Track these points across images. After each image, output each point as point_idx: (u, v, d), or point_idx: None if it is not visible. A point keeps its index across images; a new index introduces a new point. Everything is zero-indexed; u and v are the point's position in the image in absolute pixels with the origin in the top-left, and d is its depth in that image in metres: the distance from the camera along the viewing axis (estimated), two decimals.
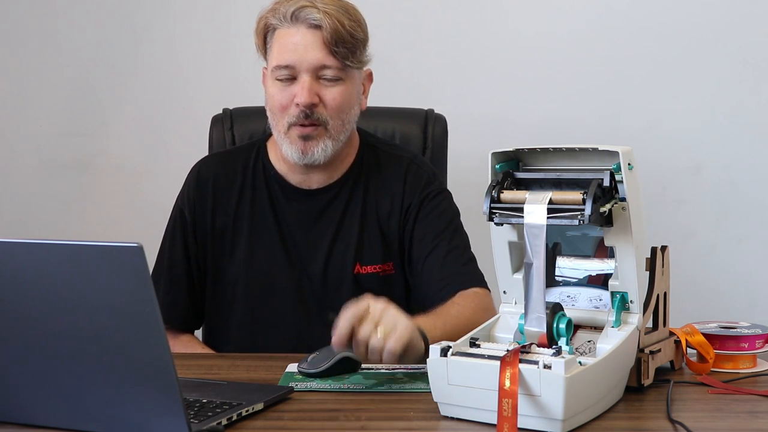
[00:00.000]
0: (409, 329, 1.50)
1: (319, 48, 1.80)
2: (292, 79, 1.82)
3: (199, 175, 1.97)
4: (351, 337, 1.51)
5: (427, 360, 1.37)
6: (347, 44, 1.81)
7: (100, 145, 2.80)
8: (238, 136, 2.19)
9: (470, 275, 1.86)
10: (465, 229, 1.96)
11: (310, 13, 1.80)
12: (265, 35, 1.86)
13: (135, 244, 1.16)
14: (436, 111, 2.25)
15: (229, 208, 1.93)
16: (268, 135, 1.96)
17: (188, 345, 1.94)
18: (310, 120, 1.82)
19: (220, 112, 2.24)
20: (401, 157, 1.98)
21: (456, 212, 1.96)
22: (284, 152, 1.86)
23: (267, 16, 1.84)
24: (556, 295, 1.50)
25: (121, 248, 1.18)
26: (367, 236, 1.91)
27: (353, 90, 1.86)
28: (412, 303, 1.93)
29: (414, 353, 1.52)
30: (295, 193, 1.92)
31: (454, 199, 2.00)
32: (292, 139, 1.84)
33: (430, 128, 2.22)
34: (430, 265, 1.88)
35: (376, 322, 1.50)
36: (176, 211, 1.97)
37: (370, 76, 1.94)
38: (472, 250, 1.94)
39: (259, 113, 1.96)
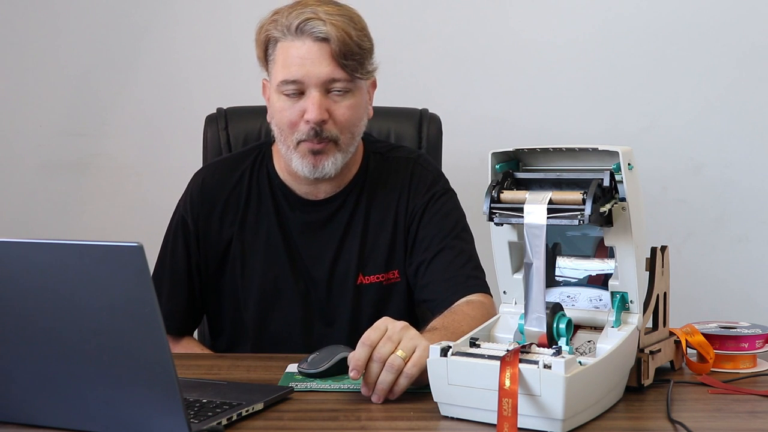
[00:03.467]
0: (427, 353, 1.40)
1: (328, 62, 1.74)
2: (299, 93, 1.77)
3: (203, 185, 1.93)
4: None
5: (427, 360, 1.37)
6: (356, 56, 1.76)
7: (100, 145, 2.80)
8: (233, 135, 2.18)
9: (476, 281, 1.82)
10: None
11: (315, 26, 1.73)
12: (266, 47, 1.80)
13: (135, 244, 1.16)
14: (430, 111, 2.25)
15: (236, 218, 1.90)
16: (272, 141, 1.91)
17: (187, 346, 1.93)
18: (320, 138, 1.77)
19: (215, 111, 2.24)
20: (406, 159, 1.94)
21: (462, 213, 1.92)
22: (294, 167, 1.82)
23: (269, 28, 1.78)
24: (556, 295, 1.50)
25: (121, 248, 1.18)
26: (371, 245, 1.88)
27: (362, 101, 1.82)
28: (416, 309, 1.92)
29: (424, 377, 1.41)
30: (300, 203, 1.89)
31: None
32: (302, 153, 1.79)
33: (425, 128, 2.22)
34: (434, 269, 1.83)
35: (396, 343, 1.44)
36: (178, 219, 1.93)
37: (374, 83, 1.90)
38: None
39: (253, 113, 1.95)
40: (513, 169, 1.48)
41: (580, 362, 1.31)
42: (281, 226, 1.89)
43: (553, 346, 1.33)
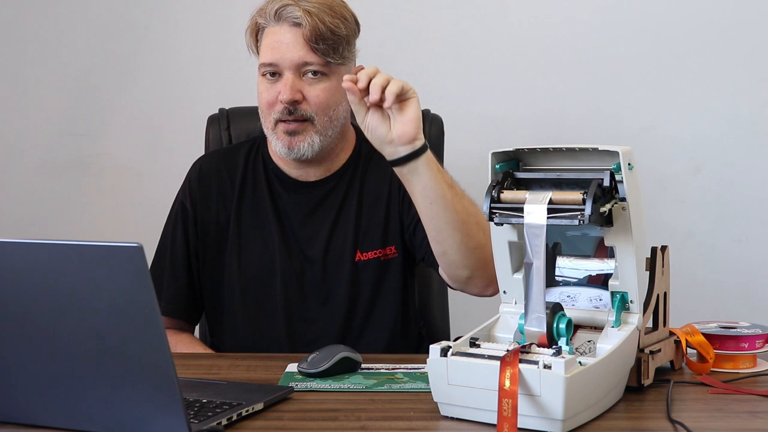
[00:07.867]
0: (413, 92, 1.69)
1: (300, 45, 1.83)
2: (278, 76, 1.85)
3: (201, 171, 2.00)
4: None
5: (427, 360, 1.37)
6: (328, 41, 1.82)
7: (100, 145, 2.80)
8: (235, 135, 2.19)
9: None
10: None
11: (291, 12, 1.82)
12: (256, 34, 1.89)
13: (135, 244, 1.17)
14: (432, 111, 2.25)
15: (231, 202, 1.96)
16: None
17: (189, 345, 1.94)
18: (294, 116, 1.84)
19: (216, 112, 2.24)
20: None
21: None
22: (273, 147, 1.90)
23: (256, 16, 1.88)
24: (556, 295, 1.50)
25: (121, 248, 1.18)
26: (366, 223, 1.93)
27: (339, 85, 1.86)
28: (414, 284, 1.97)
29: (413, 121, 1.69)
30: (294, 185, 1.95)
31: None
32: (278, 134, 1.87)
33: (427, 128, 2.21)
34: None
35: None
36: (177, 205, 2.00)
37: None
38: None
39: (255, 113, 1.96)
40: (513, 169, 1.48)
41: (580, 362, 1.31)
42: (276, 208, 1.95)
43: (553, 346, 1.33)
